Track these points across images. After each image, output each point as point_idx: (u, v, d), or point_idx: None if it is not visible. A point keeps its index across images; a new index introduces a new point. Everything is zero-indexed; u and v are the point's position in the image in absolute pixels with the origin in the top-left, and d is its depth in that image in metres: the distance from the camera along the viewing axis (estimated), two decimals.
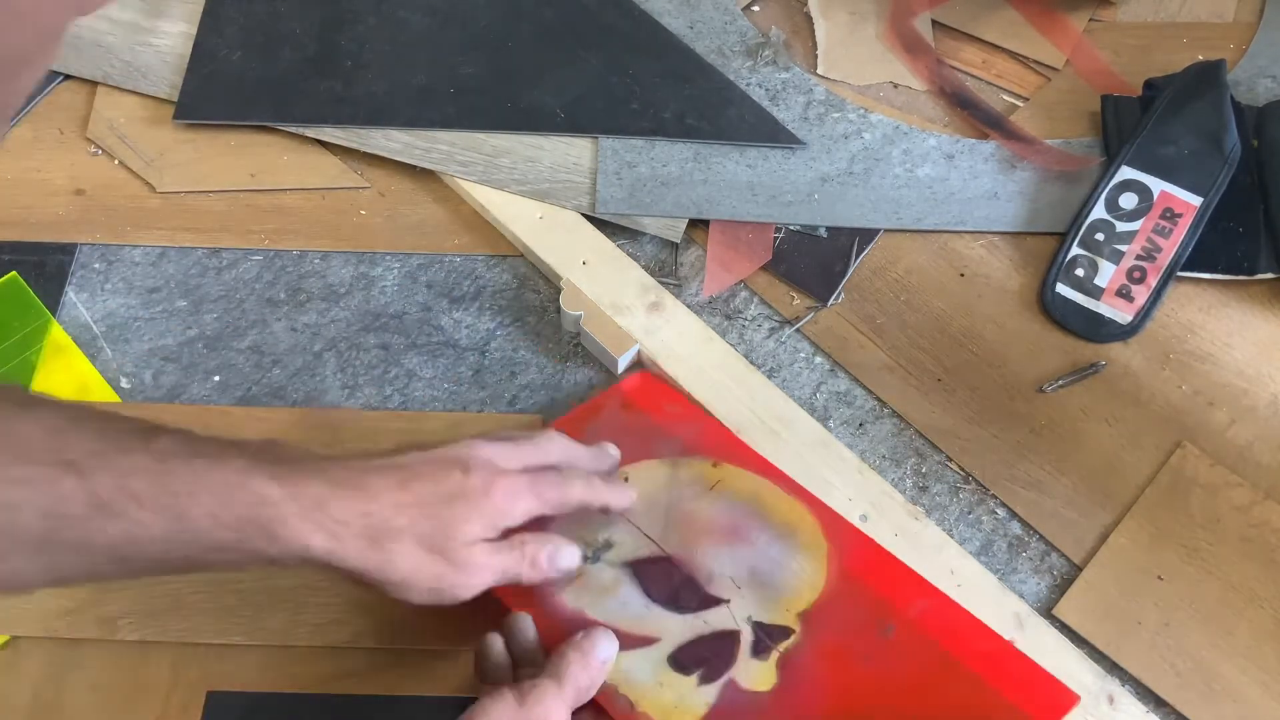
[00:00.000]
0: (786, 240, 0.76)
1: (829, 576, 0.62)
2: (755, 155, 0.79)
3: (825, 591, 0.61)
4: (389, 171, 0.79)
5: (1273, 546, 0.66)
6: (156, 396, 0.70)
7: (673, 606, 0.60)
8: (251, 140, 0.79)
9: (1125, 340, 0.73)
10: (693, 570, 0.61)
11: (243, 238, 0.76)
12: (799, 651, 0.59)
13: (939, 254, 0.76)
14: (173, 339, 0.72)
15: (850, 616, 0.60)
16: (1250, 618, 0.64)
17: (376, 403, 0.70)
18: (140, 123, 0.80)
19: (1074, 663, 0.61)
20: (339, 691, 0.61)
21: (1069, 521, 0.67)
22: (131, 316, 0.73)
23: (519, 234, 0.75)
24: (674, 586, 0.61)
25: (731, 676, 0.58)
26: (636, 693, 0.57)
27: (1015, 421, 0.70)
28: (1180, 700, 0.61)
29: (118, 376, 0.71)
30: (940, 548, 0.65)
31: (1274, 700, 0.61)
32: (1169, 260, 0.73)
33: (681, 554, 0.62)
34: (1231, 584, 0.65)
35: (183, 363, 0.71)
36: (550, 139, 0.78)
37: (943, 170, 0.79)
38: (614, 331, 0.71)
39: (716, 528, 0.63)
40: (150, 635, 0.62)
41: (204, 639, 0.62)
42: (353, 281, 0.75)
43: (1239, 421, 0.70)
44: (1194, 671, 0.62)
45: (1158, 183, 0.75)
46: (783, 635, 0.59)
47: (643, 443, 0.66)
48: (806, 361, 0.73)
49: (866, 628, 0.60)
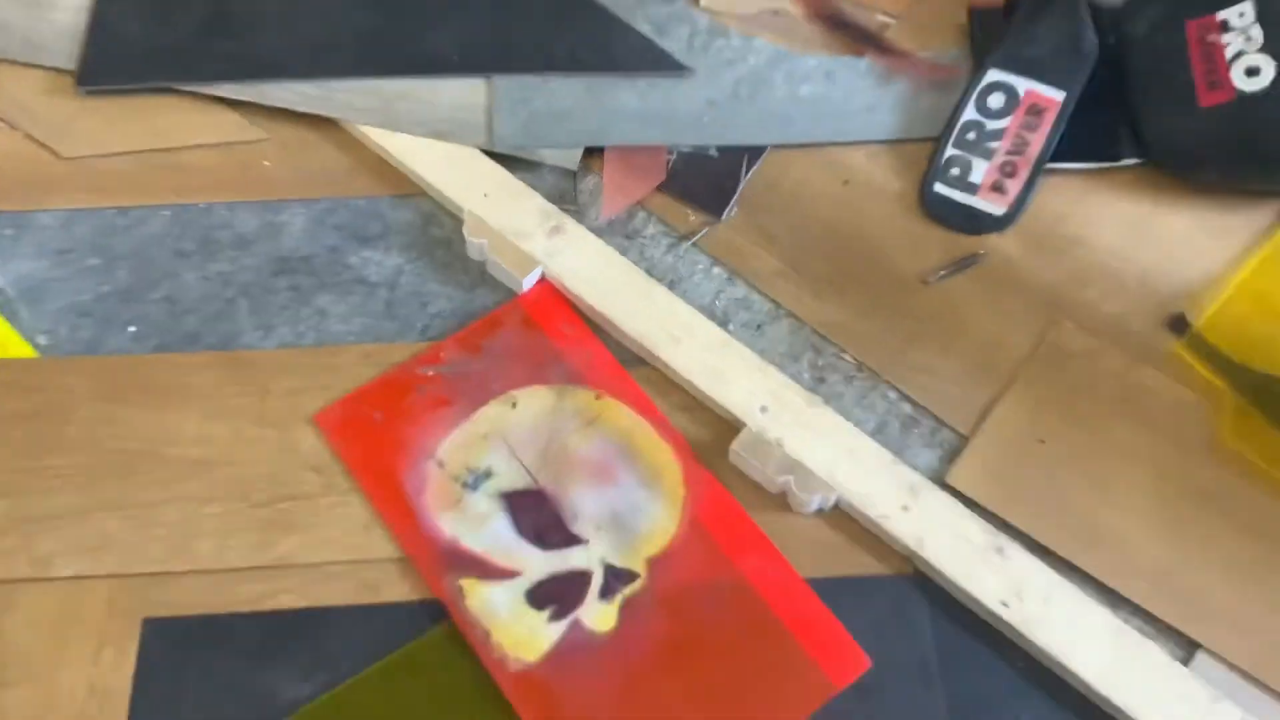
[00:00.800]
0: (679, 162, 0.80)
1: (680, 524, 0.65)
2: (645, 85, 0.82)
3: (675, 539, 0.65)
4: (290, 123, 0.81)
5: (1146, 405, 0.70)
6: (74, 350, 0.72)
7: (538, 542, 0.64)
8: (153, 103, 0.81)
9: (1001, 231, 0.77)
10: (560, 507, 0.65)
11: (150, 195, 0.78)
12: (641, 596, 0.62)
13: (824, 165, 0.80)
14: (87, 295, 0.74)
15: (692, 566, 0.64)
16: (1127, 471, 0.68)
17: (290, 341, 0.72)
18: (43, 95, 0.82)
19: (964, 522, 0.65)
20: (271, 608, 0.63)
21: (956, 399, 0.71)
22: (45, 278, 0.75)
23: (421, 173, 0.78)
24: (541, 522, 0.65)
25: (578, 616, 0.62)
26: (493, 623, 0.61)
27: (903, 313, 0.74)
28: (1065, 549, 0.66)
29: (35, 335, 0.72)
30: (837, 430, 0.68)
31: (1151, 541, 0.66)
32: (1037, 153, 0.78)
33: (553, 488, 0.66)
34: (1109, 441, 0.69)
35: (98, 317, 0.73)
36: (446, 81, 0.81)
37: (823, 88, 0.83)
38: (517, 256, 0.74)
39: (589, 464, 0.67)
40: (84, 570, 0.64)
41: (136, 569, 0.64)
42: (260, 229, 0.77)
43: (1110, 297, 0.75)
44: (1077, 522, 0.66)
45: (1023, 82, 0.79)
46: (629, 579, 0.63)
47: (534, 367, 0.70)
48: (705, 272, 0.76)
49: (704, 578, 0.63)
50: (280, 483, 0.67)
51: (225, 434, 0.68)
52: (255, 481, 0.67)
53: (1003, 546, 0.65)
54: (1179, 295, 0.75)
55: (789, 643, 0.62)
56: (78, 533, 0.64)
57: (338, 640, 0.62)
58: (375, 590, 0.64)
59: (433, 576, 0.62)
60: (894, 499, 0.66)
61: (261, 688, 0.61)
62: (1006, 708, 0.62)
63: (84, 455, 0.67)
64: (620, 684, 0.59)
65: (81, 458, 0.67)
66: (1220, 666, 0.63)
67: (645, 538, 0.64)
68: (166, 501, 0.66)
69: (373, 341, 0.73)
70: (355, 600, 0.63)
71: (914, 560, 0.65)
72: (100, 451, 0.67)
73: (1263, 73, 0.72)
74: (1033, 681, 0.62)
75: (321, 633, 0.63)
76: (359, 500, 0.66)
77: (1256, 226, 0.77)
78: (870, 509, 0.66)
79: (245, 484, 0.66)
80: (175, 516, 0.65)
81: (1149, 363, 0.72)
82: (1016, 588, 0.63)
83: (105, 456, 0.67)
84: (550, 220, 0.76)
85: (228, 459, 0.67)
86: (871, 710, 0.61)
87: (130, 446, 0.67)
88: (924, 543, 0.65)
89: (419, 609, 0.63)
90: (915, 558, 0.65)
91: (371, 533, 0.65)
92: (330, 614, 0.63)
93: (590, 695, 0.59)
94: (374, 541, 0.65)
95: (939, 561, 0.64)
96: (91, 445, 0.67)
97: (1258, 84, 0.72)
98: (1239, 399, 0.70)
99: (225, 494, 0.66)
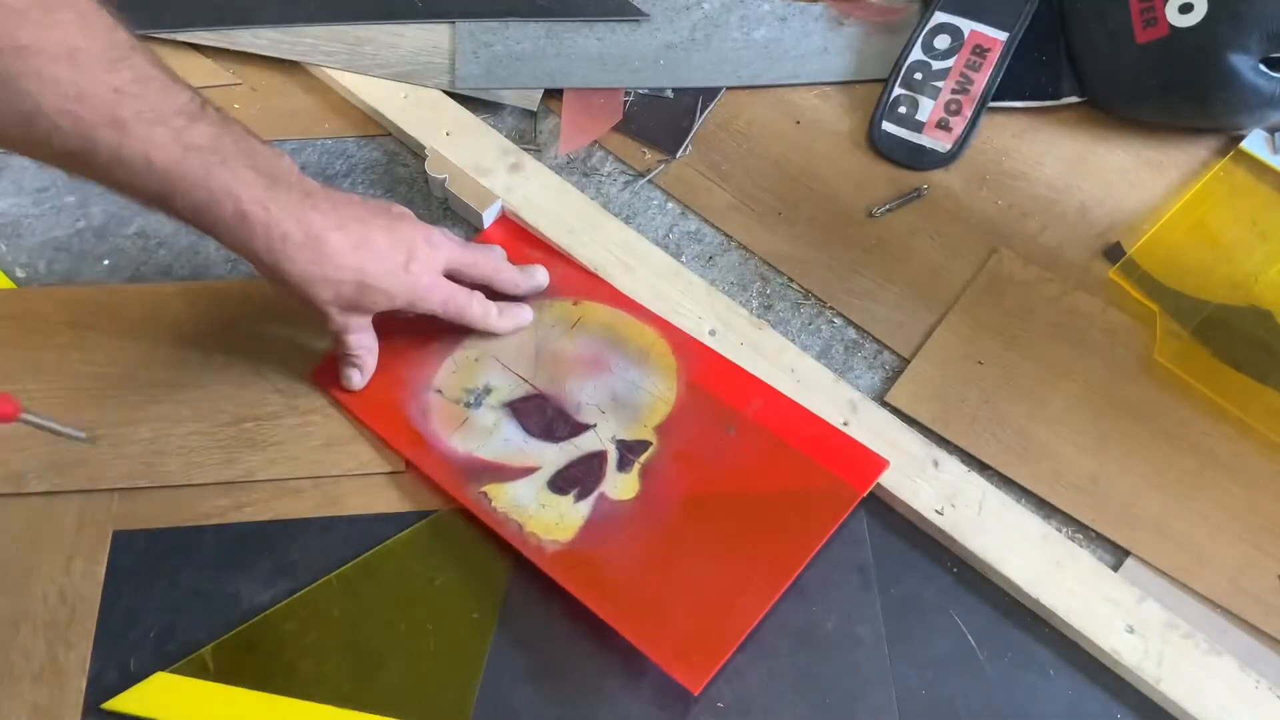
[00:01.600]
0: (636, 103, 0.82)
1: (679, 390, 0.69)
2: (604, 29, 0.85)
3: (676, 404, 0.68)
4: (259, 67, 0.84)
5: (1081, 329, 0.73)
6: (51, 281, 0.74)
7: (548, 438, 0.67)
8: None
9: (946, 167, 0.80)
10: (562, 402, 0.68)
11: None
12: (657, 460, 0.66)
13: (776, 106, 0.83)
14: (62, 231, 0.77)
15: (698, 423, 0.67)
16: (1062, 390, 0.71)
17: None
18: None
19: (901, 435, 0.68)
20: (236, 520, 0.66)
21: (898, 324, 0.74)
22: (22, 214, 0.77)
23: (385, 114, 0.80)
24: (548, 419, 0.68)
25: (602, 490, 0.65)
26: (524, 516, 0.64)
27: (849, 243, 0.77)
28: (1001, 462, 0.68)
29: (13, 268, 0.75)
30: (781, 350, 0.71)
31: (1083, 455, 0.68)
32: (981, 91, 0.80)
33: (551, 389, 0.69)
34: (1045, 362, 0.72)
35: (73, 251, 0.76)
36: (409, 25, 0.84)
37: (777, 31, 0.85)
38: (477, 190, 0.76)
39: (580, 361, 0.70)
40: (57, 486, 0.66)
41: (106, 485, 0.66)
42: None
43: (1050, 228, 0.77)
44: (1012, 438, 0.69)
45: (967, 23, 0.82)
46: (642, 448, 0.66)
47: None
48: (659, 208, 0.79)
49: (712, 430, 0.67)
50: (245, 404, 0.69)
51: (195, 359, 0.71)
52: (221, 403, 0.69)
53: (939, 459, 0.67)
54: (1116, 226, 0.77)
55: (806, 464, 0.66)
56: (51, 451, 0.67)
57: (299, 551, 0.65)
58: (336, 503, 0.67)
59: (458, 491, 0.65)
60: (835, 415, 0.69)
61: (226, 594, 0.64)
62: (939, 609, 0.64)
63: (58, 379, 0.70)
64: (655, 540, 0.63)
65: (56, 382, 0.70)
66: (1149, 572, 0.66)
67: (648, 409, 0.68)
68: (137, 422, 0.68)
69: None
70: (316, 513, 0.66)
71: None
72: (74, 376, 0.70)
73: (1195, 9, 0.75)
74: (965, 585, 0.65)
75: (283, 544, 0.65)
76: (320, 420, 0.69)
77: (1192, 160, 0.80)
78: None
79: (212, 405, 0.69)
80: (145, 435, 0.68)
81: (1085, 289, 0.74)
82: (950, 496, 0.66)
83: (79, 380, 0.70)
84: (510, 157, 0.78)
85: (196, 383, 0.70)
86: (811, 612, 0.64)
87: (103, 371, 0.70)
88: None
89: (376, 521, 0.66)
90: None
91: (331, 450, 0.68)
92: (291, 526, 0.66)
93: (628, 557, 0.63)
94: (334, 458, 0.67)
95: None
96: (65, 370, 0.70)
97: (1191, 19, 0.75)
98: (1170, 321, 0.72)
99: (193, 415, 0.69)
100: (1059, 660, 0.63)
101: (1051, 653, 0.63)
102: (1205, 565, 0.65)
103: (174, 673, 0.61)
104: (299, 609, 0.63)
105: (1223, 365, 0.71)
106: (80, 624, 0.62)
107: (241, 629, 0.62)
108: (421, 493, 0.67)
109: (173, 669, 0.61)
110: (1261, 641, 0.63)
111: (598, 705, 0.61)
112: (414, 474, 0.67)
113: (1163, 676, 0.61)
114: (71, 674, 0.61)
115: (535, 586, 0.63)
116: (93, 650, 0.62)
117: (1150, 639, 0.62)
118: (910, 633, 0.63)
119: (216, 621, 0.63)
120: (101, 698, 0.60)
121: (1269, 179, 0.78)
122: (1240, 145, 0.79)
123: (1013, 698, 0.62)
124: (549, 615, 0.63)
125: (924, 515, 0.66)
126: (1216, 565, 0.65)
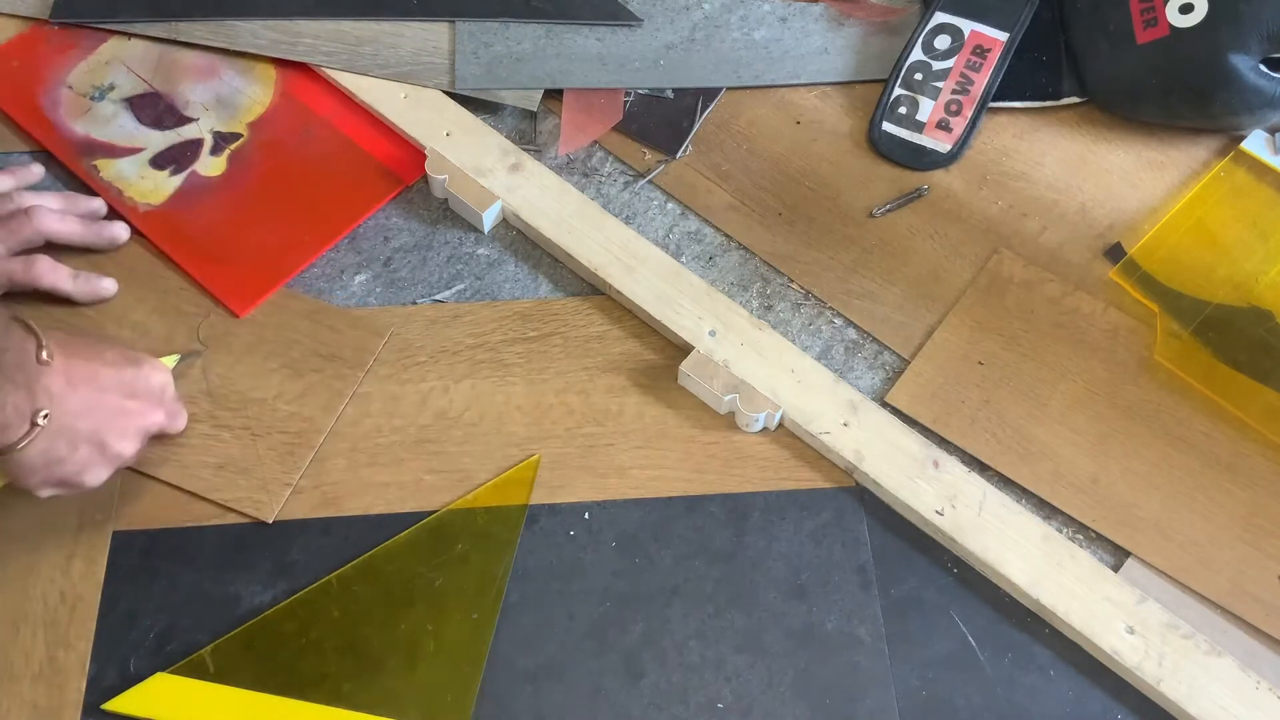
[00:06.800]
0: (636, 103, 0.82)
1: (274, 96, 0.82)
2: (604, 30, 0.85)
3: (270, 107, 0.81)
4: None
5: (1081, 329, 0.73)
6: None
7: (156, 126, 0.80)
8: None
9: (946, 167, 0.79)
10: (174, 100, 0.81)
11: None
12: (244, 148, 0.79)
13: (777, 106, 0.83)
14: None
15: (285, 123, 0.80)
16: (1062, 390, 0.71)
17: None
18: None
19: (901, 436, 0.68)
20: (234, 522, 0.66)
21: (898, 324, 0.74)
22: None
23: (385, 113, 0.80)
24: (158, 113, 0.80)
25: (194, 169, 0.78)
26: (125, 184, 0.77)
27: (849, 244, 0.77)
28: (1000, 463, 0.68)
29: None
30: (782, 351, 0.71)
31: (1082, 456, 0.68)
32: (981, 92, 0.80)
33: (166, 89, 0.81)
34: (1045, 363, 0.72)
35: None
36: (409, 25, 0.83)
37: (777, 32, 0.85)
38: (477, 191, 0.76)
39: (196, 69, 0.82)
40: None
41: (106, 485, 0.66)
42: None
43: (1050, 228, 0.77)
44: (1012, 438, 0.69)
45: (968, 23, 0.82)
46: (234, 139, 0.80)
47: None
48: (659, 208, 0.79)
49: (295, 128, 0.80)
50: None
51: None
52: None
53: (939, 460, 0.67)
54: (1117, 227, 0.77)
55: (365, 157, 0.79)
56: None
57: (299, 551, 0.65)
58: (336, 503, 0.66)
59: (74, 164, 0.77)
60: (835, 416, 0.69)
61: (226, 594, 0.64)
62: (939, 609, 0.64)
63: None
64: (230, 208, 0.76)
65: None
66: (1149, 572, 0.66)
67: (245, 109, 0.81)
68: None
69: (335, 273, 0.75)
70: (316, 513, 0.66)
71: (854, 473, 0.68)
72: None
73: (1196, 9, 0.75)
74: (965, 585, 0.65)
75: (283, 544, 0.65)
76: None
77: (1193, 161, 0.80)
78: (812, 425, 0.68)
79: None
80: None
81: (1086, 290, 0.74)
82: (951, 497, 0.66)
83: None
84: (510, 158, 0.78)
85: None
86: (811, 612, 0.64)
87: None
88: (863, 456, 0.67)
89: (376, 521, 0.66)
90: (855, 471, 0.68)
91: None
92: (291, 526, 0.66)
93: (207, 219, 0.76)
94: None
95: (877, 473, 0.67)
96: None
97: (1191, 20, 0.75)
98: (1170, 322, 0.72)
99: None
100: (1059, 661, 0.63)
101: (1051, 653, 0.63)
102: (1205, 566, 0.65)
103: (174, 673, 0.61)
104: (299, 609, 0.63)
105: (1223, 365, 0.71)
106: (80, 624, 0.62)
107: (241, 629, 0.62)
108: (422, 493, 0.67)
109: (173, 669, 0.61)
110: (1262, 642, 0.63)
111: (598, 705, 0.61)
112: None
113: (1163, 677, 0.61)
114: (71, 674, 0.61)
115: (536, 586, 0.63)
116: (92, 650, 0.62)
117: (1150, 639, 0.62)
118: (910, 633, 0.63)
119: (216, 622, 0.63)
120: (101, 698, 0.60)
121: (1269, 179, 0.78)
122: (1241, 146, 0.79)
123: (1013, 698, 0.62)
124: (549, 615, 0.63)
125: (924, 516, 0.66)
126: (1217, 566, 0.65)
